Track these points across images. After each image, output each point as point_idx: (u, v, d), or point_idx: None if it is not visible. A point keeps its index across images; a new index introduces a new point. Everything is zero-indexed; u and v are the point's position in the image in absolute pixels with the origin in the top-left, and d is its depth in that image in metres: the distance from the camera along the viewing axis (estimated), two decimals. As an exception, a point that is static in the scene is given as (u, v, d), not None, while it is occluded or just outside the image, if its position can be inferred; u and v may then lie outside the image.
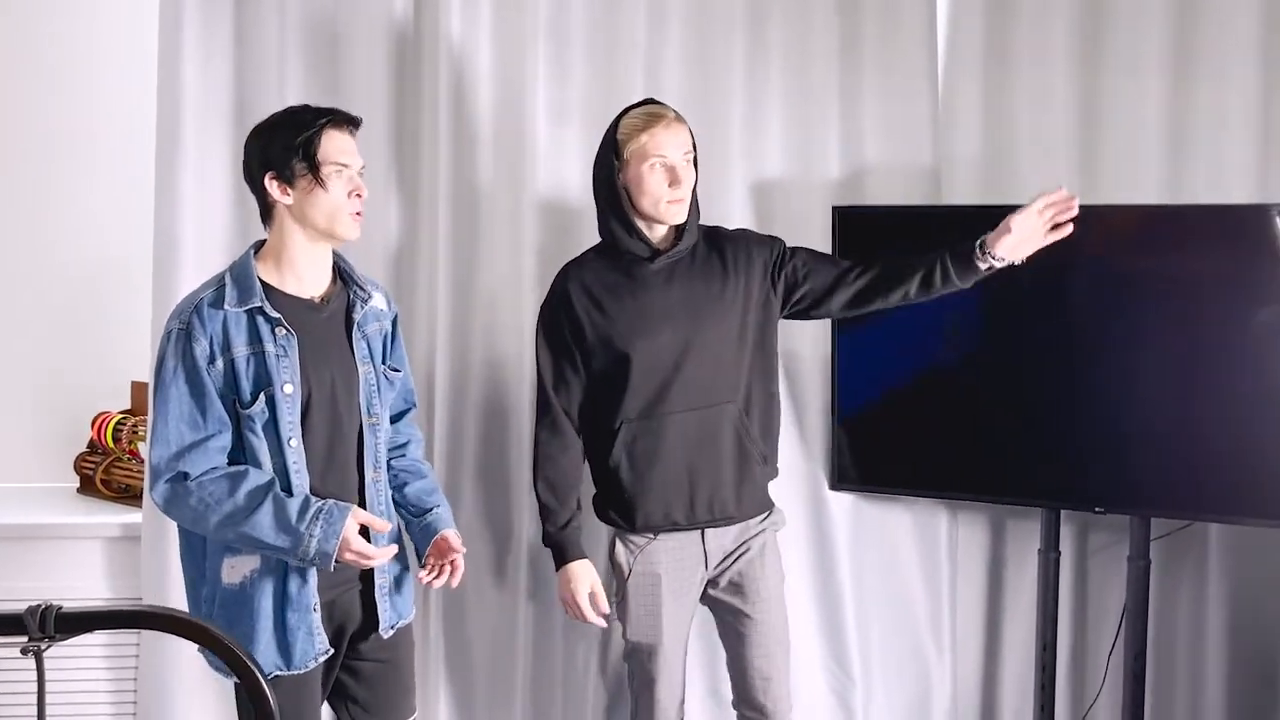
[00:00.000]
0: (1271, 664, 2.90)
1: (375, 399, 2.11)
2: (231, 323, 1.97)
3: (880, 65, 2.87)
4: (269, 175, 2.00)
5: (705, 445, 2.34)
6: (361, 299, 2.13)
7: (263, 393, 1.97)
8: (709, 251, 2.39)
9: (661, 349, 2.32)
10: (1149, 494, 2.64)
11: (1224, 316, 2.57)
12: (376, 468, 2.11)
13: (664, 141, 2.26)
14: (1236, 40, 2.79)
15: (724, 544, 2.40)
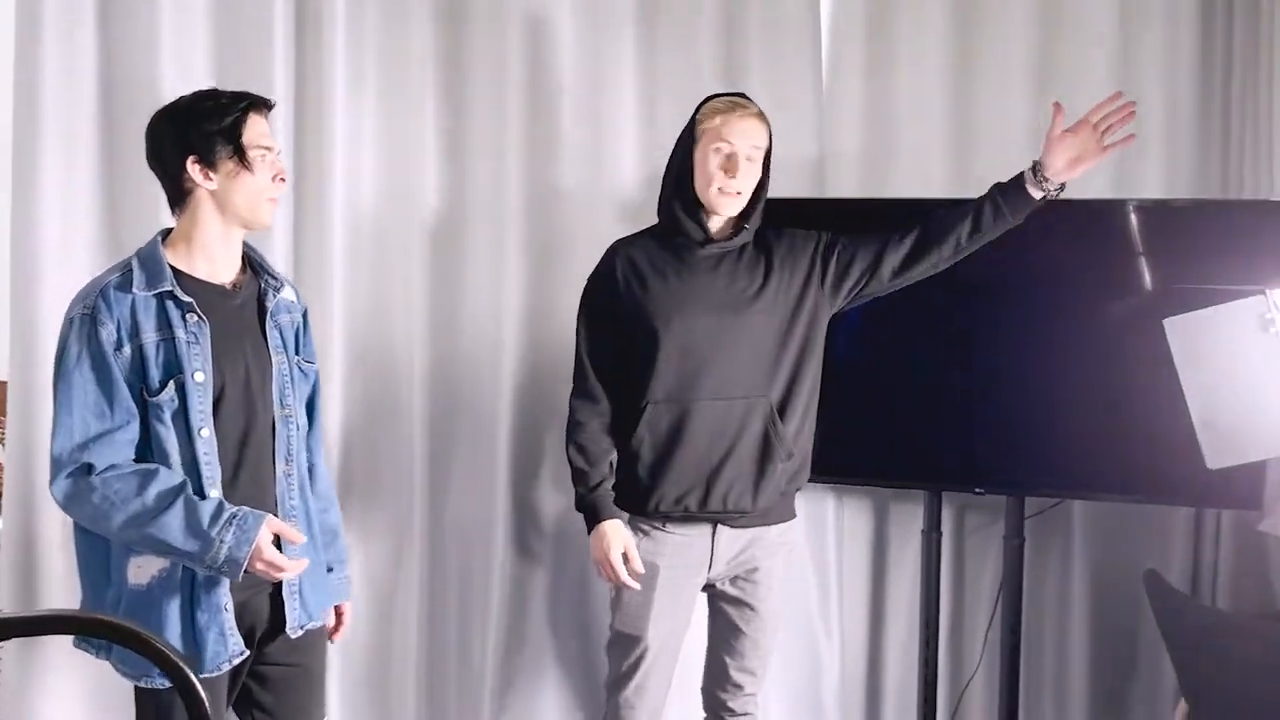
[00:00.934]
0: (1130, 632, 3.09)
1: (289, 390, 2.05)
2: (140, 307, 1.89)
3: (766, 64, 2.93)
4: (191, 159, 1.93)
5: (730, 436, 2.31)
6: (273, 288, 2.07)
7: (172, 380, 1.88)
8: (757, 249, 2.38)
9: (694, 332, 2.31)
10: (1024, 475, 2.77)
11: (1088, 307, 2.72)
12: (289, 461, 2.04)
13: (734, 129, 2.28)
14: (1093, 45, 2.97)
15: (734, 549, 2.37)
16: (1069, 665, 3.09)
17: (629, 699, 2.40)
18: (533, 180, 2.87)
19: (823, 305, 2.40)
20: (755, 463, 2.33)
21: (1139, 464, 2.68)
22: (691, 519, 2.34)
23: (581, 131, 2.87)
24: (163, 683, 1.89)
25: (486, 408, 2.86)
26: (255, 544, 1.86)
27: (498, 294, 2.86)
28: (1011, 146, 2.97)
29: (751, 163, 2.31)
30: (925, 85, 2.98)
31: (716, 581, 2.42)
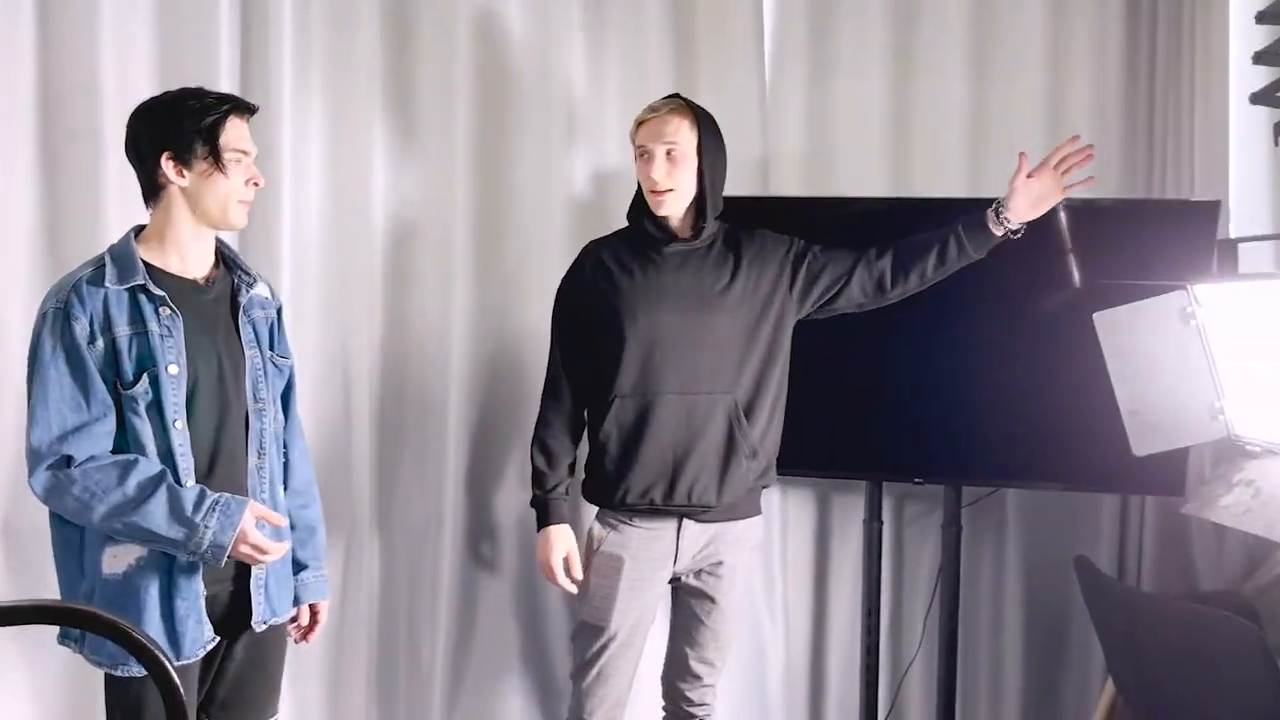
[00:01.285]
0: (1061, 615, 3.21)
1: (262, 384, 2.07)
2: (113, 301, 1.91)
3: (712, 69, 2.98)
4: (166, 155, 1.96)
5: (695, 431, 2.36)
6: (246, 284, 2.10)
7: (146, 373, 1.91)
8: (725, 249, 2.44)
9: (659, 328, 2.36)
10: (960, 466, 2.87)
11: (1020, 304, 2.82)
12: (261, 454, 2.06)
13: (647, 133, 2.37)
14: (1026, 47, 3.08)
15: (699, 544, 2.43)
16: (1004, 648, 3.21)
17: (591, 687, 2.45)
18: (481, 182, 2.89)
19: (789, 310, 2.46)
20: (720, 458, 2.38)
21: (1069, 453, 2.79)
22: (658, 512, 2.39)
23: (529, 135, 2.90)
24: (138, 671, 1.91)
25: (436, 405, 2.89)
26: (240, 528, 1.89)
27: (446, 294, 2.88)
28: (947, 145, 3.09)
29: (673, 160, 2.36)
30: (864, 87, 3.07)
31: (682, 575, 2.48)
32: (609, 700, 2.47)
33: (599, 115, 2.95)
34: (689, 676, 2.53)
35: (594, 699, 2.46)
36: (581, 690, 2.47)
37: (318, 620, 2.24)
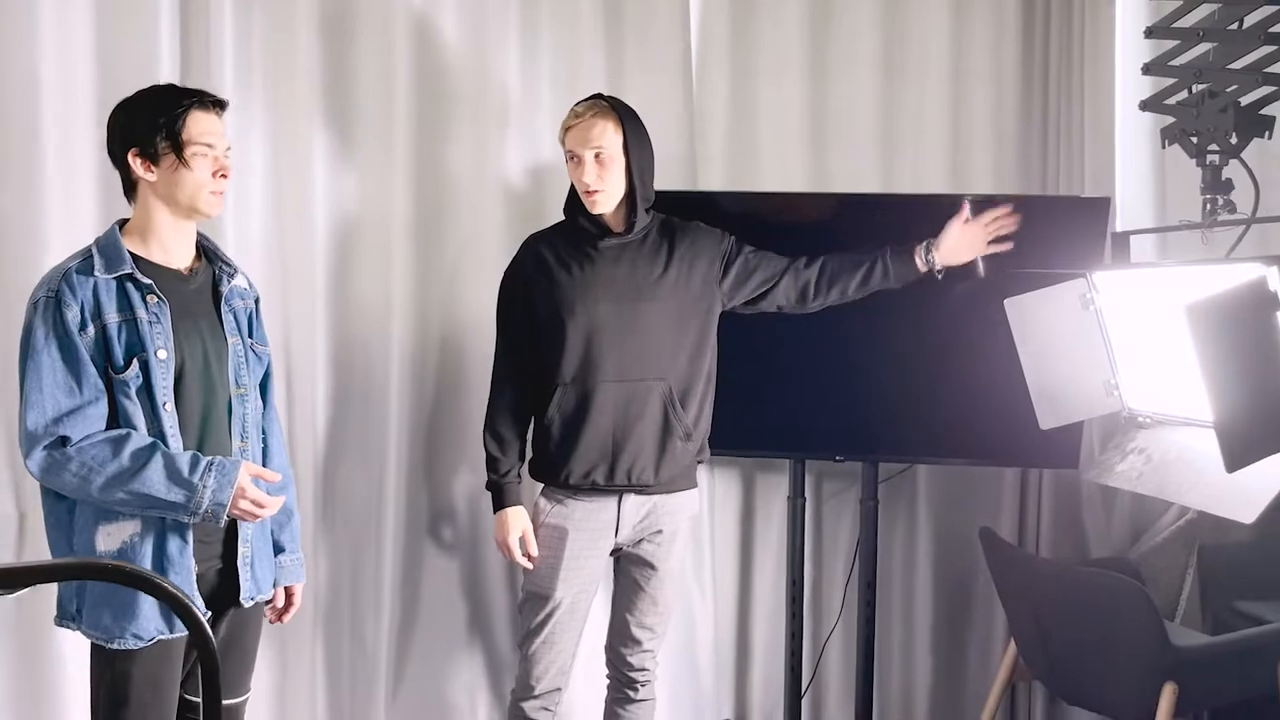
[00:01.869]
0: (966, 583, 3.45)
1: (243, 371, 2.15)
2: (102, 290, 1.98)
3: (641, 69, 3.11)
4: (132, 152, 2.03)
5: (632, 416, 2.50)
6: (227, 274, 2.17)
7: (136, 358, 1.98)
8: (660, 239, 2.58)
9: (596, 319, 2.49)
10: (878, 443, 3.06)
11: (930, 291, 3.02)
12: (244, 438, 2.14)
13: (572, 138, 2.50)
14: (931, 54, 3.31)
15: (639, 515, 2.57)
16: (914, 614, 3.43)
17: (538, 654, 2.57)
18: (420, 176, 2.97)
19: (717, 302, 2.62)
20: (657, 441, 2.52)
21: (976, 431, 3.01)
22: (599, 490, 2.53)
23: (466, 131, 2.99)
24: (132, 644, 1.98)
25: (378, 391, 2.95)
26: (237, 485, 1.98)
27: (387, 286, 2.95)
28: (860, 141, 3.29)
29: (601, 162, 2.47)
30: (784, 87, 3.25)
31: (623, 545, 2.61)
32: (555, 666, 2.59)
33: (532, 112, 3.05)
34: (630, 643, 2.66)
35: (540, 665, 2.58)
36: (528, 657, 2.59)
37: (292, 603, 2.31)
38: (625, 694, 2.69)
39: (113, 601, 1.98)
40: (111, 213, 2.67)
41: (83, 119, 2.66)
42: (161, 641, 2.02)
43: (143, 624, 1.99)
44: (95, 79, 2.68)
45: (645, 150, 2.54)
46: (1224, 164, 2.08)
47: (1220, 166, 2.07)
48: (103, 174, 2.57)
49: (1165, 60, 2.19)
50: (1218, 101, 2.06)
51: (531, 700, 2.59)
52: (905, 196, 3.19)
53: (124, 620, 1.98)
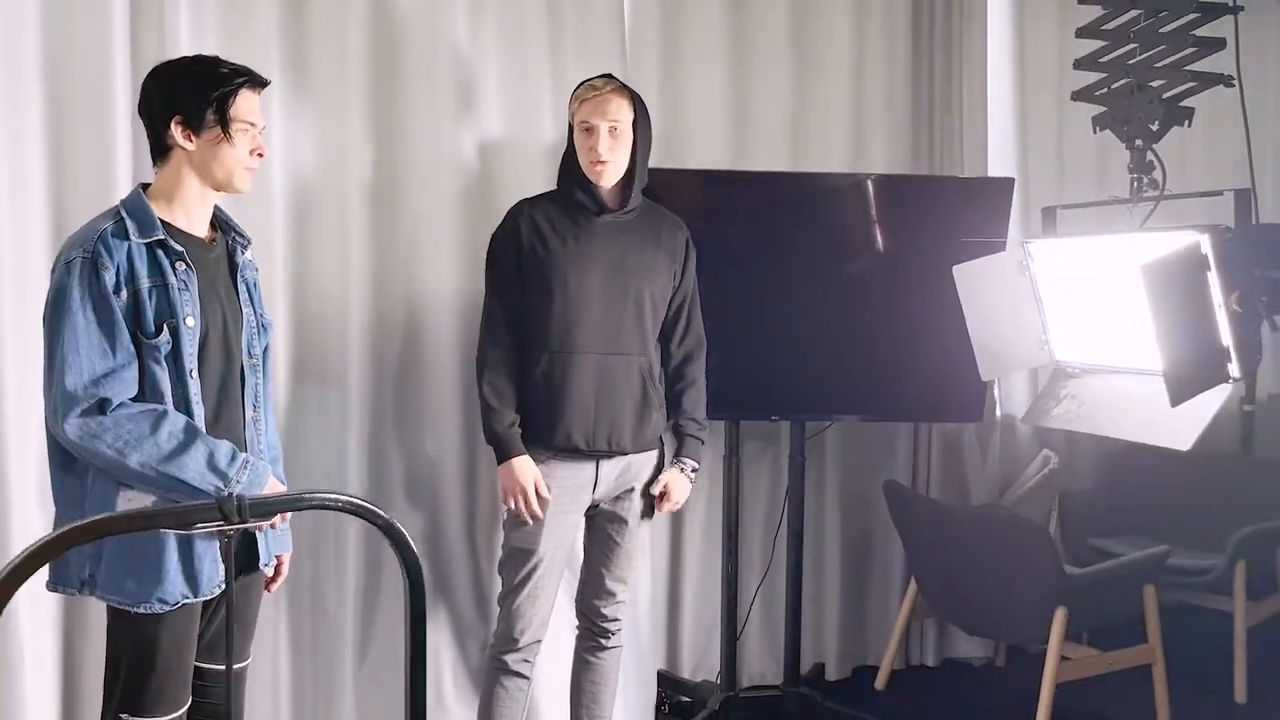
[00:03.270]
0: (868, 525, 3.78)
1: (255, 341, 2.16)
2: (135, 254, 1.96)
3: (579, 53, 3.21)
4: (176, 119, 2.01)
5: (614, 387, 2.61)
6: (241, 245, 2.18)
7: (165, 324, 1.97)
8: (649, 223, 2.69)
9: (587, 291, 2.58)
10: (807, 403, 3.32)
11: (842, 262, 3.31)
12: (256, 407, 2.15)
13: (588, 109, 2.57)
14: (835, 49, 3.61)
15: (615, 473, 2.68)
16: (824, 560, 3.73)
17: (522, 608, 2.66)
18: (374, 151, 2.97)
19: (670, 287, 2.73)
20: (636, 413, 2.65)
21: (895, 390, 3.33)
22: (580, 454, 2.63)
23: (419, 109, 3.02)
24: (161, 607, 1.96)
25: (336, 362, 2.96)
26: (265, 489, 2.00)
27: (344, 258, 2.95)
28: (776, 124, 3.55)
29: (615, 135, 2.59)
30: (708, 74, 3.46)
31: (600, 502, 2.73)
32: (537, 619, 2.69)
33: (482, 88, 3.11)
34: (604, 594, 2.79)
35: (524, 619, 2.67)
36: (512, 611, 2.67)
37: (281, 572, 2.31)
38: (598, 642, 2.83)
39: (136, 566, 1.96)
40: (60, 184, 2.60)
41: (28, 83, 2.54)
42: (185, 605, 2.02)
43: (169, 588, 1.97)
44: (41, 43, 2.56)
45: (648, 134, 2.67)
46: (1147, 147, 2.43)
47: (1145, 150, 2.42)
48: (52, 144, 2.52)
49: (1095, 57, 2.52)
50: (1145, 95, 2.40)
51: (514, 653, 2.68)
52: (814, 174, 3.45)
53: (149, 585, 1.96)
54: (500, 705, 2.70)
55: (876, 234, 3.31)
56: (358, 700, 3.02)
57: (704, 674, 3.61)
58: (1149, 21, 2.41)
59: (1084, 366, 2.66)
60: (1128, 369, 2.53)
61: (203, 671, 2.17)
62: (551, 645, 2.87)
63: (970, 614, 3.46)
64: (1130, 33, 2.43)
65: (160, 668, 2.00)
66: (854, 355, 3.30)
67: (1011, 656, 3.92)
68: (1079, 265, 2.63)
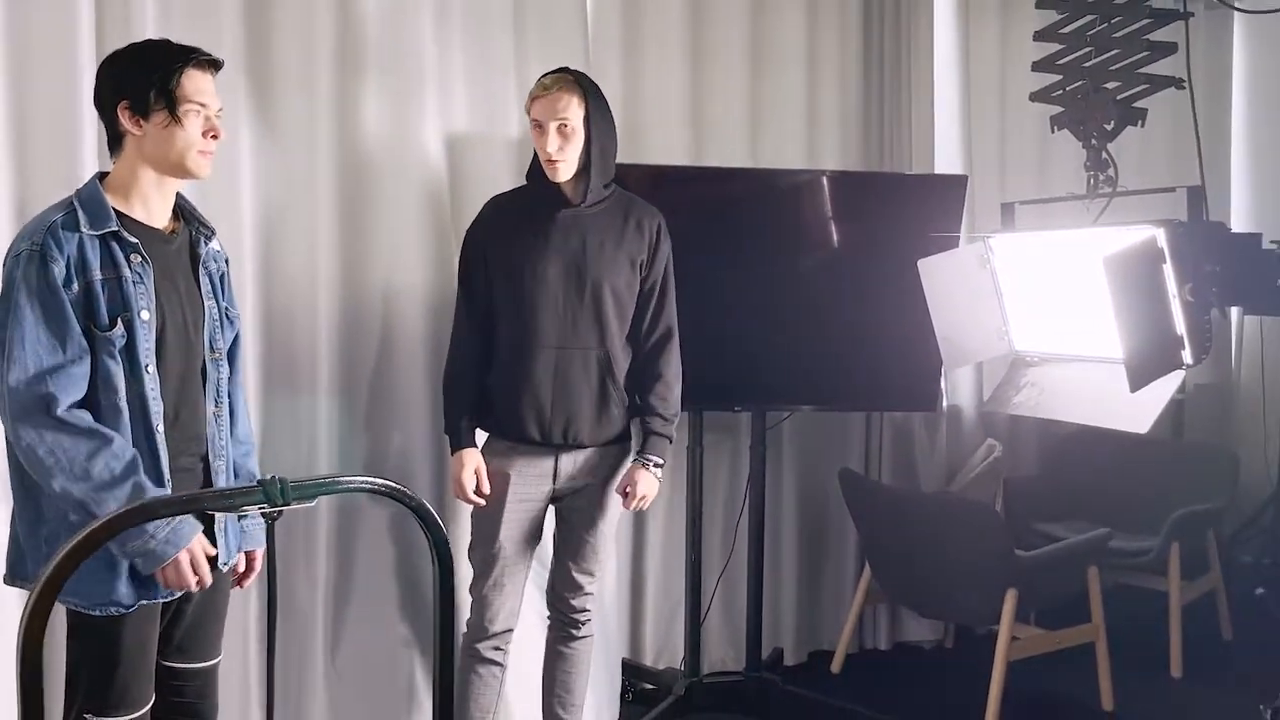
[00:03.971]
0: (823, 512, 3.88)
1: (218, 335, 2.12)
2: (87, 246, 1.91)
3: (542, 51, 3.21)
4: (122, 105, 1.97)
5: (571, 382, 2.63)
6: (204, 236, 2.13)
7: (120, 318, 1.92)
8: (616, 215, 2.69)
9: (544, 284, 2.60)
10: (768, 394, 3.40)
11: (800, 257, 3.40)
12: (218, 403, 2.11)
13: (538, 108, 2.59)
14: (790, 48, 3.70)
15: (575, 465, 2.70)
16: (781, 548, 3.82)
17: (489, 596, 2.69)
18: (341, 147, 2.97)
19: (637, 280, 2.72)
20: (593, 407, 2.66)
21: (854, 381, 3.43)
22: (537, 445, 2.66)
23: (385, 106, 3.02)
24: (117, 610, 1.93)
25: (305, 357, 2.95)
26: (185, 549, 1.93)
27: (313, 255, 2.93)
28: (732, 123, 3.62)
29: (564, 133, 2.56)
30: (667, 73, 3.52)
31: (562, 494, 2.73)
32: (505, 608, 2.72)
33: (446, 89, 3.11)
34: (572, 587, 2.81)
35: (492, 608, 2.70)
36: (480, 600, 2.69)
37: (253, 567, 2.27)
38: (569, 633, 2.86)
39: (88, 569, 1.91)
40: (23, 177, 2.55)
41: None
42: (144, 606, 1.99)
43: (123, 591, 1.94)
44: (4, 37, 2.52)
45: (606, 127, 2.66)
46: (1101, 146, 2.54)
47: (1100, 149, 2.54)
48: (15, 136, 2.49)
49: (1053, 60, 2.64)
50: (1100, 96, 2.52)
51: (485, 641, 2.72)
52: (773, 171, 3.54)
53: (103, 588, 1.93)
54: (475, 692, 2.74)
55: (833, 230, 3.40)
56: (329, 696, 3.01)
57: (666, 661, 3.67)
58: (1104, 26, 2.52)
59: (1042, 355, 2.78)
60: (1084, 357, 2.65)
61: (177, 671, 2.15)
62: (523, 636, 2.90)
63: (924, 597, 3.57)
64: (1086, 36, 2.54)
65: (123, 667, 1.97)
66: (812, 348, 3.39)
67: (960, 638, 4.05)
68: (1038, 259, 2.74)
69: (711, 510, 3.69)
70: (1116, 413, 2.44)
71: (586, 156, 2.63)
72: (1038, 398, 2.69)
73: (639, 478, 2.73)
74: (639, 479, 2.73)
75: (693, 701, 3.40)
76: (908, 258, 2.89)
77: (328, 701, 3.01)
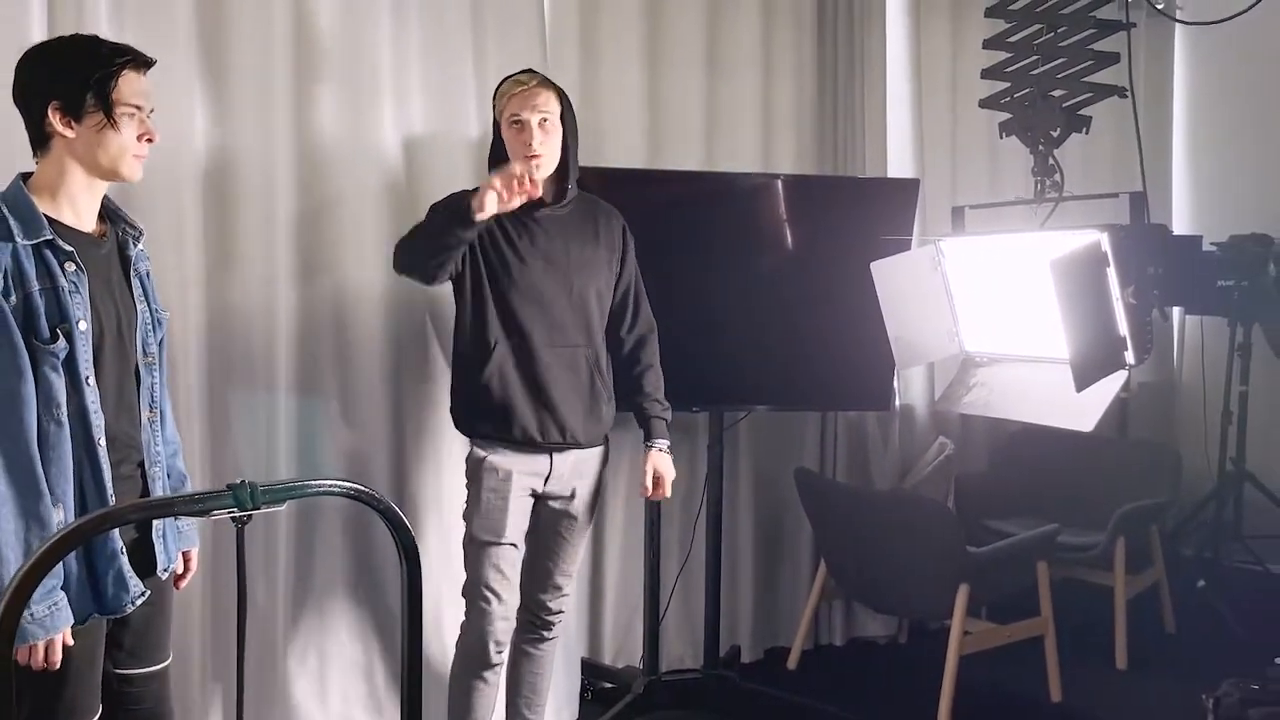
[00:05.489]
0: (779, 509, 3.94)
1: (150, 338, 2.08)
2: (22, 255, 1.84)
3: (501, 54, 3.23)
4: (53, 105, 1.90)
5: (561, 379, 2.66)
6: (133, 237, 2.08)
7: (59, 329, 1.87)
8: (586, 216, 2.75)
9: (531, 284, 2.63)
10: (726, 394, 3.44)
11: (756, 260, 3.45)
12: (153, 408, 2.07)
13: (516, 103, 2.60)
14: (745, 47, 3.75)
15: (566, 466, 2.72)
16: (738, 546, 3.87)
17: (498, 591, 2.67)
18: (298, 143, 2.97)
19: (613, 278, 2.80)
20: (585, 404, 2.71)
21: (809, 381, 3.48)
22: (535, 445, 2.68)
23: (341, 104, 3.02)
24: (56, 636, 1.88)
25: (261, 357, 2.94)
26: (49, 639, 1.85)
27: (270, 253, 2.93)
28: (689, 122, 3.66)
29: (545, 128, 2.59)
30: (625, 75, 3.55)
31: (550, 495, 2.74)
32: (510, 603, 2.70)
33: (404, 86, 3.13)
34: (552, 589, 2.82)
35: (501, 602, 2.67)
36: (486, 595, 2.65)
37: (190, 568, 2.25)
38: (540, 634, 2.86)
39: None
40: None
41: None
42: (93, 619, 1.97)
43: (75, 605, 1.90)
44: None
45: (575, 126, 2.72)
46: (1048, 152, 2.61)
47: (1047, 154, 2.61)
48: None
49: (1001, 68, 2.70)
50: (1047, 103, 2.59)
51: (493, 645, 2.70)
52: (728, 174, 3.58)
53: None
54: (479, 700, 2.74)
55: (788, 232, 3.45)
56: (289, 695, 3.01)
57: (624, 660, 3.70)
58: (1050, 35, 2.59)
59: (991, 356, 2.85)
60: (1032, 357, 2.72)
61: (129, 677, 2.13)
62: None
63: (879, 593, 3.63)
64: (1033, 45, 2.61)
65: (71, 680, 1.94)
66: (768, 348, 3.44)
67: (914, 633, 4.12)
68: (987, 262, 2.81)
69: (669, 509, 3.73)
70: (1063, 412, 2.51)
71: (564, 154, 2.67)
72: (987, 397, 2.76)
73: (658, 462, 2.81)
74: (659, 463, 2.81)
75: (651, 699, 3.43)
76: (861, 260, 2.94)
77: (286, 701, 3.01)
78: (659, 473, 2.81)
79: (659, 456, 2.82)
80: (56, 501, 1.87)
